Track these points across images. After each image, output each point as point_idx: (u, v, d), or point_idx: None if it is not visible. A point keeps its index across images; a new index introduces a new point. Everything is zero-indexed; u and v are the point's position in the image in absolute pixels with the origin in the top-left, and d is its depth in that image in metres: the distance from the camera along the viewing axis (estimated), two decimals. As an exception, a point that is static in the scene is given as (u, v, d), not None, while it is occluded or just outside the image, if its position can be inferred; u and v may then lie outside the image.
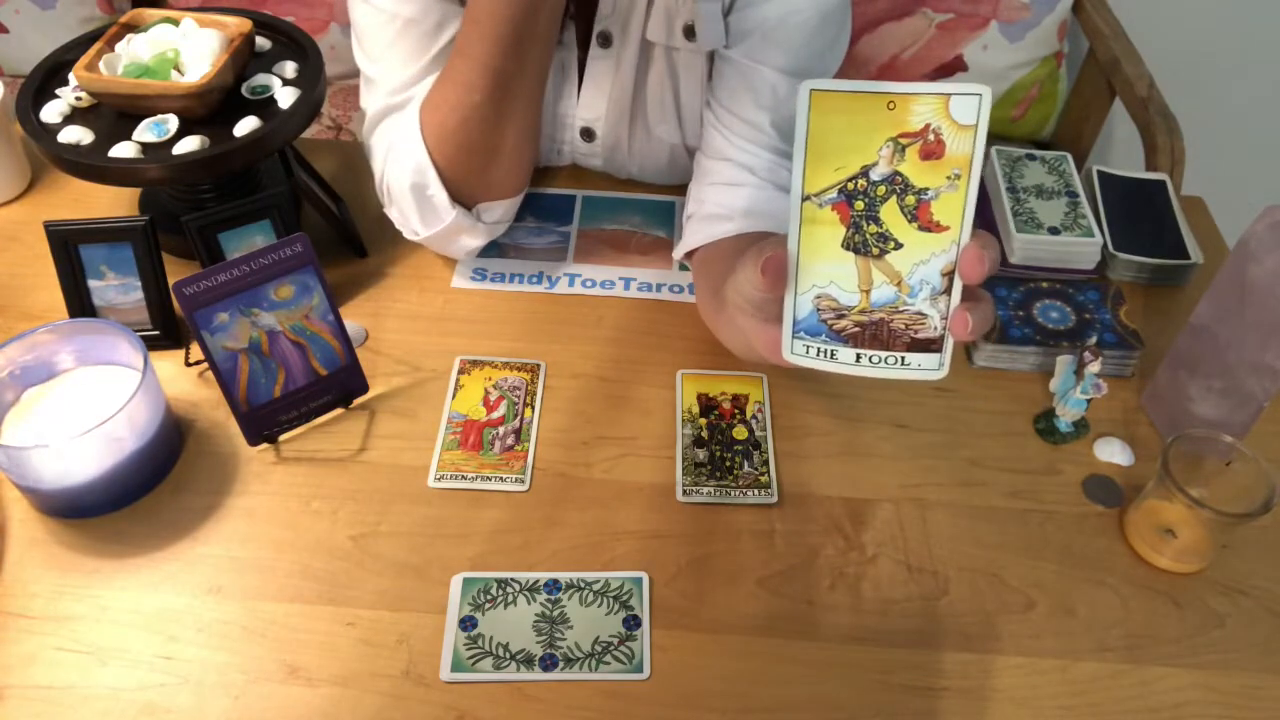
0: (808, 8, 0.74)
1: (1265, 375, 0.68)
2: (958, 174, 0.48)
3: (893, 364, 0.52)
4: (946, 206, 0.49)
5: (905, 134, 0.48)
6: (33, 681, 0.59)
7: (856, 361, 0.52)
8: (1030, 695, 0.61)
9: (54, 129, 0.77)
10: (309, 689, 0.59)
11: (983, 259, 0.48)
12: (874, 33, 1.51)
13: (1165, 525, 0.68)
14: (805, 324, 0.52)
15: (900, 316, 0.51)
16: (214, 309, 0.66)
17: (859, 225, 0.50)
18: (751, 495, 0.71)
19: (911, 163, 0.49)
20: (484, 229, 0.82)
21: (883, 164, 0.49)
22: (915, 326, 0.51)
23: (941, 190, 0.49)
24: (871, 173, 0.49)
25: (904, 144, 0.48)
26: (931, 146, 0.48)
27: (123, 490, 0.68)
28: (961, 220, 0.49)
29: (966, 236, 0.49)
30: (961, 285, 0.49)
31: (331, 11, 1.53)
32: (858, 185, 0.50)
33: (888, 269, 0.50)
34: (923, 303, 0.50)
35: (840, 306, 0.51)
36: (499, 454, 0.72)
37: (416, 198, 0.78)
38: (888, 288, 0.51)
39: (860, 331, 0.51)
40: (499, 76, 0.72)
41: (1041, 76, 1.52)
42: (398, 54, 0.78)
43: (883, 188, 0.49)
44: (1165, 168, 1.30)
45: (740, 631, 0.63)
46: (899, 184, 0.49)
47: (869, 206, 0.50)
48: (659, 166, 0.93)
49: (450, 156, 0.76)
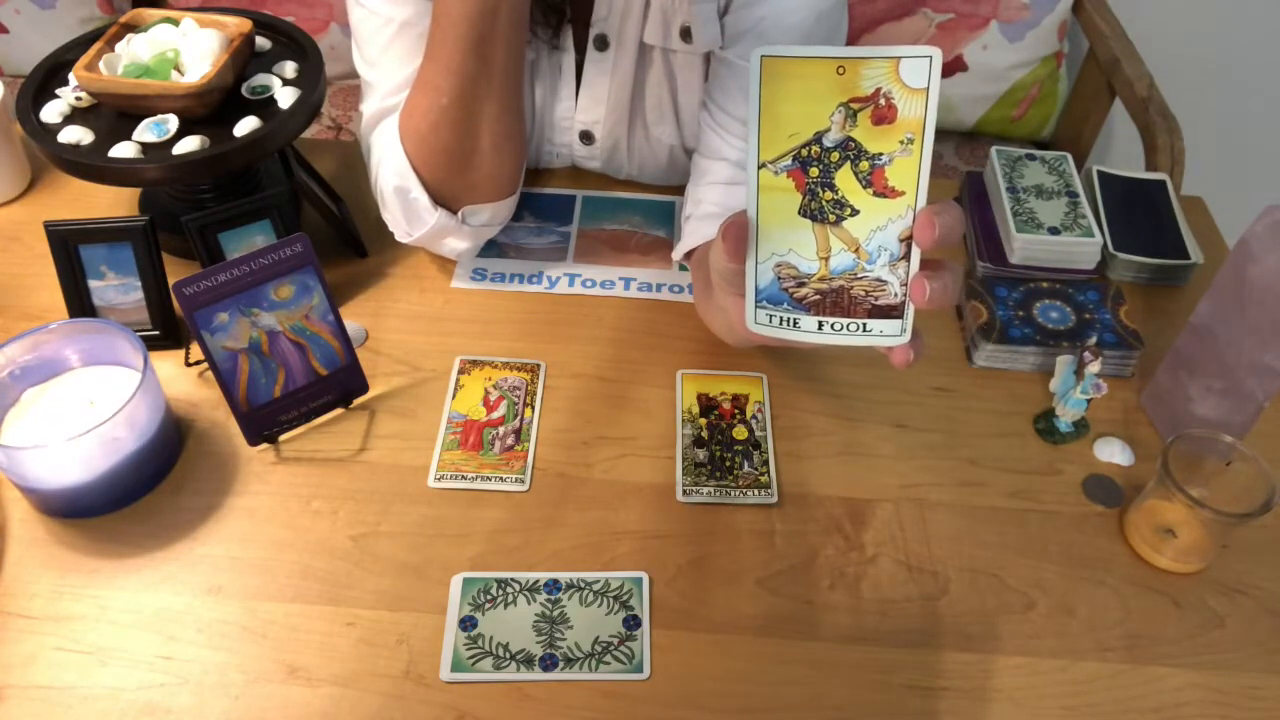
0: (802, 8, 0.75)
1: (1265, 375, 0.68)
2: (911, 138, 0.48)
3: (855, 330, 0.52)
4: (901, 171, 0.49)
5: (856, 99, 0.48)
6: (33, 681, 0.59)
7: (819, 329, 0.52)
8: (1030, 695, 0.61)
9: (54, 129, 0.77)
10: (309, 689, 0.59)
11: (934, 224, 0.48)
12: (874, 33, 1.51)
13: (1165, 525, 0.68)
14: (767, 292, 0.53)
15: (860, 283, 0.51)
16: (214, 309, 0.66)
17: (815, 192, 0.50)
18: (751, 495, 0.71)
19: (864, 128, 0.49)
20: (470, 231, 0.82)
21: (835, 130, 0.49)
22: (875, 293, 0.51)
23: (895, 155, 0.49)
24: (825, 139, 0.49)
25: (855, 109, 0.48)
26: (883, 111, 0.48)
27: (123, 490, 0.68)
28: (916, 185, 0.49)
29: (923, 201, 0.49)
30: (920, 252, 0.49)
31: (331, 11, 1.53)
32: (811, 152, 0.50)
33: (845, 235, 0.51)
34: (882, 269, 0.50)
35: (800, 274, 0.52)
36: (499, 454, 0.72)
37: (401, 200, 0.79)
38: (846, 254, 0.51)
39: (821, 299, 0.52)
40: (463, 79, 0.72)
41: (1041, 76, 1.52)
42: (393, 57, 0.78)
43: (836, 154, 0.49)
44: (1165, 168, 1.29)
45: (740, 631, 0.63)
46: (852, 149, 0.49)
47: (824, 173, 0.50)
48: (658, 168, 0.94)
49: (426, 160, 0.76)
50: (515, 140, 0.79)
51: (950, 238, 0.48)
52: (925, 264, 0.50)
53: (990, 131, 1.57)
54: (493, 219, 0.83)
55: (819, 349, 0.58)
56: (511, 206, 0.85)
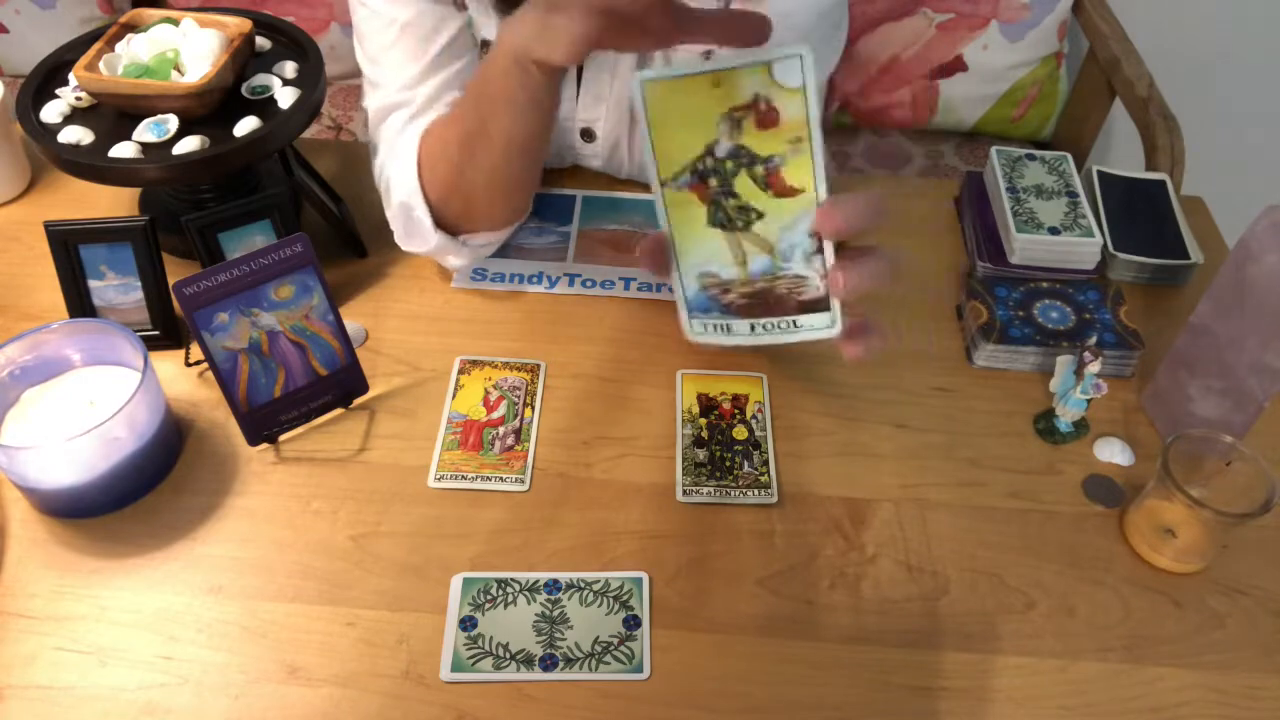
0: (804, 7, 0.75)
1: (1265, 375, 0.68)
2: (798, 137, 0.49)
3: (786, 328, 0.53)
4: (796, 170, 0.49)
5: (737, 107, 0.49)
6: (33, 681, 0.59)
7: (752, 331, 0.53)
8: (1030, 695, 0.61)
9: (54, 129, 0.77)
10: (309, 689, 0.59)
11: (833, 215, 0.48)
12: (874, 33, 1.51)
13: (1165, 525, 0.68)
14: (697, 303, 0.54)
15: (781, 282, 0.52)
16: (214, 309, 0.66)
17: (719, 202, 0.51)
18: (751, 495, 0.71)
19: (750, 134, 0.49)
20: (469, 251, 0.82)
21: (724, 139, 0.50)
22: (798, 290, 0.52)
23: (787, 155, 0.49)
24: (716, 149, 0.50)
25: (739, 117, 0.49)
26: (765, 115, 0.49)
27: (123, 490, 0.68)
28: (814, 180, 0.49)
29: (824, 195, 0.49)
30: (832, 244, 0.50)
31: (331, 11, 1.53)
32: (707, 164, 0.51)
33: (757, 239, 0.51)
34: (799, 266, 0.51)
35: (723, 281, 0.53)
36: (499, 454, 0.72)
37: (404, 216, 0.79)
38: (762, 257, 0.52)
39: (748, 303, 0.53)
40: (461, 128, 0.72)
41: (1041, 76, 1.52)
42: (396, 56, 0.78)
43: (730, 162, 0.50)
44: (1165, 168, 1.30)
45: (740, 631, 0.63)
46: (745, 156, 0.50)
47: (723, 182, 0.51)
48: (659, 166, 0.93)
49: (430, 187, 0.77)
50: (509, 195, 0.79)
51: (854, 225, 0.49)
52: (846, 253, 0.50)
53: (990, 131, 1.57)
54: (493, 240, 0.83)
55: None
56: (508, 233, 0.85)
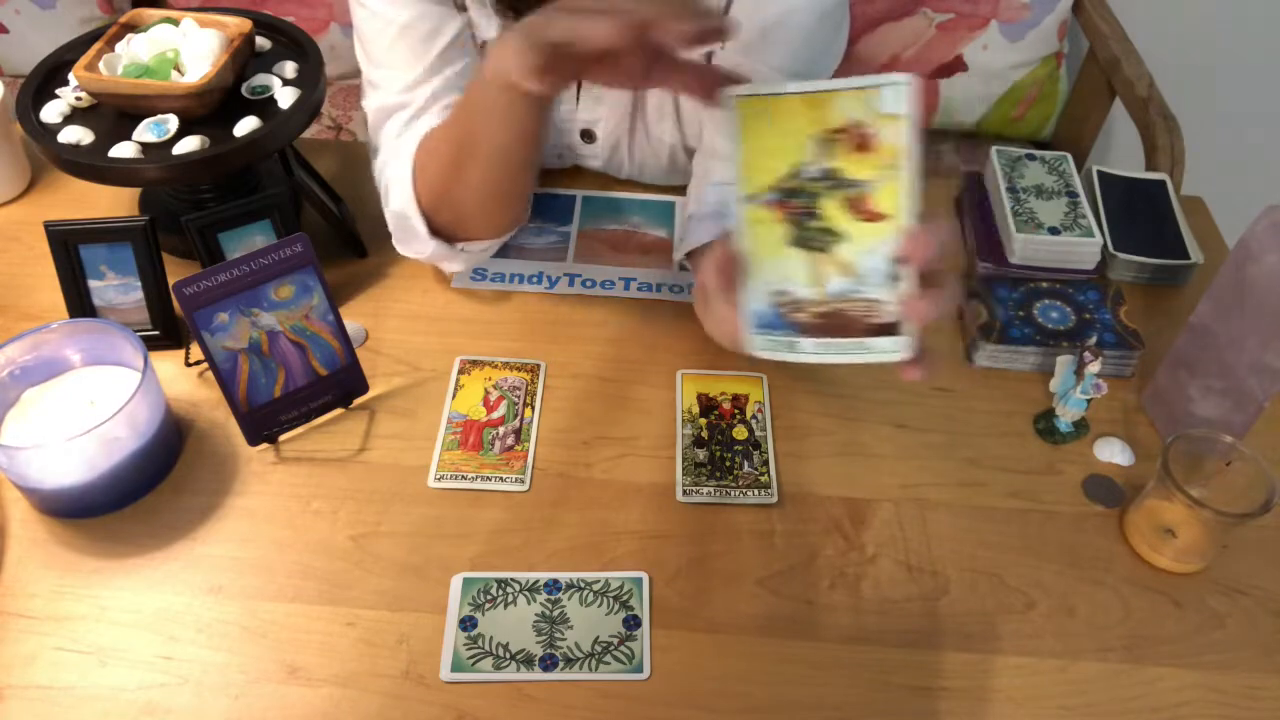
0: (804, 8, 0.75)
1: (1265, 375, 0.68)
2: (892, 164, 0.48)
3: (855, 350, 0.52)
4: (885, 196, 0.49)
5: (832, 130, 0.49)
6: (33, 681, 0.59)
7: (818, 351, 0.53)
8: (1030, 695, 0.61)
9: (54, 129, 0.77)
10: (309, 689, 0.59)
11: (922, 243, 0.48)
12: (874, 33, 1.51)
13: (1165, 525, 0.68)
14: (764, 319, 0.53)
15: (856, 304, 0.51)
16: (214, 309, 0.66)
17: (802, 222, 0.51)
18: (751, 495, 0.71)
19: (844, 157, 0.49)
20: (466, 258, 0.81)
21: (814, 161, 0.50)
22: (872, 313, 0.51)
23: (878, 181, 0.49)
24: (806, 170, 0.50)
25: (833, 140, 0.49)
26: (861, 140, 0.49)
27: (123, 490, 0.68)
28: (904, 207, 0.49)
29: (911, 222, 0.49)
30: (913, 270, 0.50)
31: (331, 11, 1.53)
32: (795, 184, 0.51)
33: (837, 261, 0.51)
34: (876, 290, 0.51)
35: (796, 300, 0.52)
36: (499, 454, 0.72)
37: (400, 222, 0.79)
38: (839, 279, 0.51)
39: (819, 323, 0.52)
40: (452, 139, 0.72)
41: (1041, 76, 1.52)
42: (396, 58, 0.78)
43: (819, 184, 0.50)
44: (1165, 168, 1.29)
45: (740, 631, 0.63)
46: (835, 179, 0.50)
47: (809, 203, 0.51)
48: (659, 167, 0.93)
49: (424, 195, 0.76)
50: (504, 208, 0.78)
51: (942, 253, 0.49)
52: (921, 279, 0.50)
53: (990, 131, 1.57)
54: (490, 247, 0.83)
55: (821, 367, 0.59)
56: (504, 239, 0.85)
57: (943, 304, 0.50)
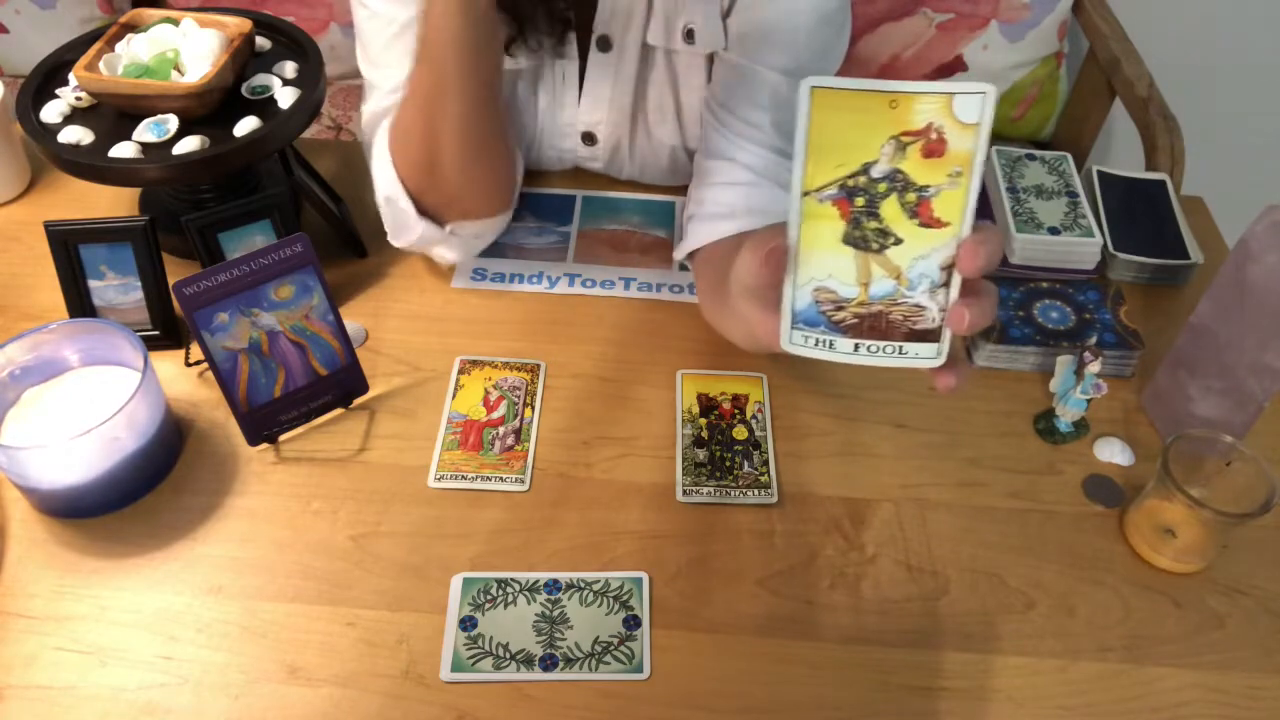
0: (806, 9, 0.74)
1: (1265, 375, 0.68)
2: (959, 171, 0.48)
3: (891, 353, 0.52)
4: (947, 203, 0.49)
5: (908, 132, 0.48)
6: (33, 681, 0.59)
7: (855, 351, 0.53)
8: (1030, 695, 0.61)
9: (54, 129, 0.77)
10: (309, 689, 0.59)
11: (978, 253, 0.48)
12: (874, 33, 1.51)
13: (1165, 525, 0.68)
14: (804, 315, 0.53)
15: (898, 308, 0.51)
16: (214, 309, 0.66)
17: (859, 221, 0.50)
18: (751, 495, 0.71)
19: (913, 160, 0.49)
20: (458, 242, 0.81)
21: (884, 161, 0.49)
22: (914, 318, 0.51)
23: (943, 187, 0.49)
24: (872, 170, 0.50)
25: (906, 142, 0.49)
26: (934, 145, 0.48)
27: (123, 490, 0.68)
28: (962, 217, 0.49)
29: (967, 231, 0.49)
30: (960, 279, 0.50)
31: (331, 11, 1.53)
32: (858, 182, 0.50)
33: (887, 263, 0.51)
34: (921, 295, 0.51)
35: (839, 299, 0.52)
36: (499, 454, 0.72)
37: (390, 209, 0.79)
38: (887, 281, 0.51)
39: (858, 323, 0.52)
40: (420, 95, 0.72)
41: (1041, 76, 1.52)
42: (395, 56, 0.78)
43: (883, 185, 0.50)
44: (1165, 168, 1.29)
45: (740, 631, 0.63)
46: (900, 181, 0.49)
47: (869, 203, 0.50)
48: (660, 168, 0.93)
49: (401, 169, 0.77)
50: (484, 163, 0.78)
51: (992, 264, 0.49)
52: (964, 288, 0.50)
53: (990, 131, 1.56)
54: (482, 232, 0.83)
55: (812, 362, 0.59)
56: (503, 223, 0.85)
57: (988, 315, 0.50)
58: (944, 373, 0.52)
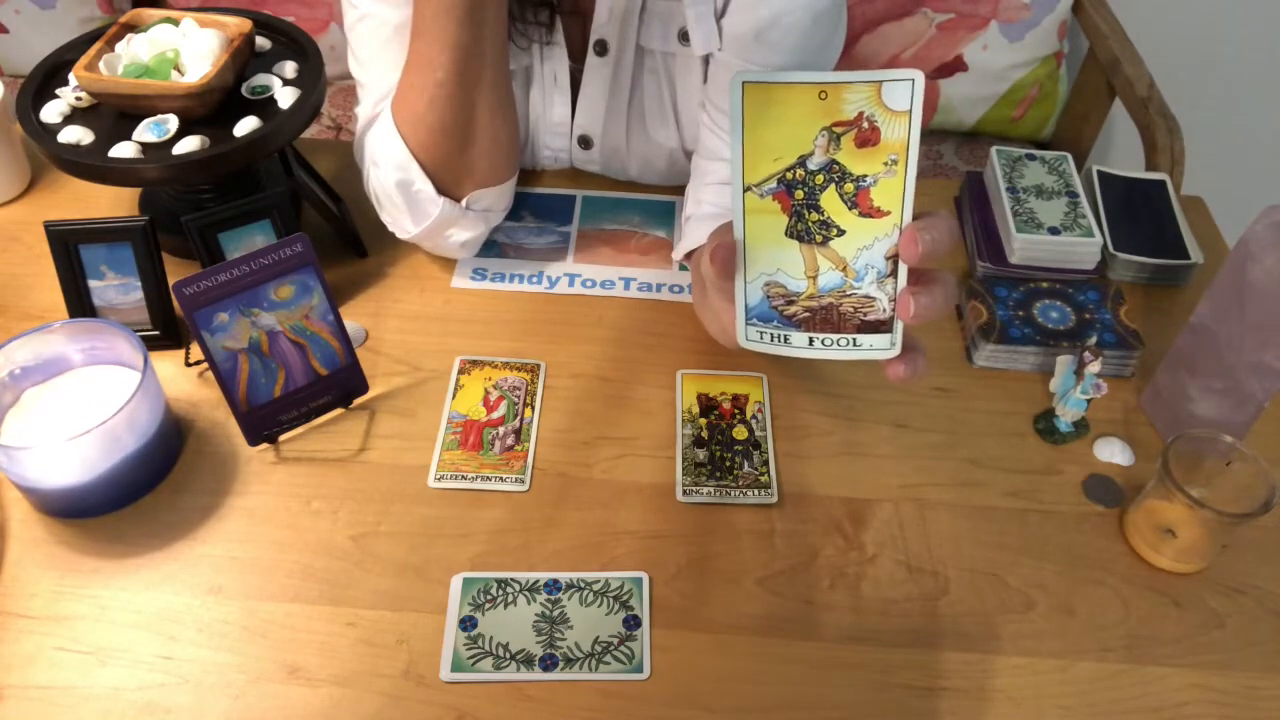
0: (799, 10, 0.74)
1: (1265, 375, 0.68)
2: (894, 159, 0.49)
3: (845, 345, 0.53)
4: (885, 192, 0.49)
5: (839, 123, 0.49)
6: (33, 681, 0.59)
7: (809, 345, 0.53)
8: (1030, 695, 0.61)
9: (54, 129, 0.77)
10: (309, 689, 0.59)
11: (918, 240, 0.48)
12: (874, 33, 1.51)
13: (1165, 525, 0.68)
14: (757, 310, 0.53)
15: (848, 300, 0.52)
16: (214, 309, 0.66)
17: (801, 214, 0.51)
18: (751, 495, 0.71)
19: (847, 151, 0.49)
20: (475, 217, 0.81)
21: (819, 153, 0.50)
22: (864, 309, 0.52)
23: (880, 176, 0.49)
24: (809, 162, 0.50)
25: (839, 133, 0.49)
26: (866, 134, 0.49)
27: (123, 490, 0.68)
28: (901, 205, 0.49)
29: (908, 219, 0.49)
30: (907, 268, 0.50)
31: (331, 11, 1.53)
32: (796, 175, 0.51)
33: (833, 255, 0.51)
34: (869, 286, 0.51)
35: (789, 293, 0.52)
36: (499, 454, 0.72)
37: (404, 194, 0.78)
38: (834, 273, 0.52)
39: (810, 316, 0.52)
40: (457, 50, 0.71)
41: (1041, 76, 1.52)
42: (387, 59, 0.78)
43: (821, 176, 0.50)
44: (1165, 168, 1.29)
45: (740, 631, 0.63)
46: (837, 172, 0.50)
47: (809, 195, 0.51)
48: (658, 170, 0.93)
49: (425, 142, 0.76)
50: (508, 118, 0.79)
51: (937, 251, 0.49)
52: (914, 278, 0.50)
53: (990, 131, 1.57)
54: (494, 204, 0.83)
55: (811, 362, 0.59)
56: (510, 192, 0.85)
57: (938, 304, 0.50)
58: (895, 363, 0.52)
